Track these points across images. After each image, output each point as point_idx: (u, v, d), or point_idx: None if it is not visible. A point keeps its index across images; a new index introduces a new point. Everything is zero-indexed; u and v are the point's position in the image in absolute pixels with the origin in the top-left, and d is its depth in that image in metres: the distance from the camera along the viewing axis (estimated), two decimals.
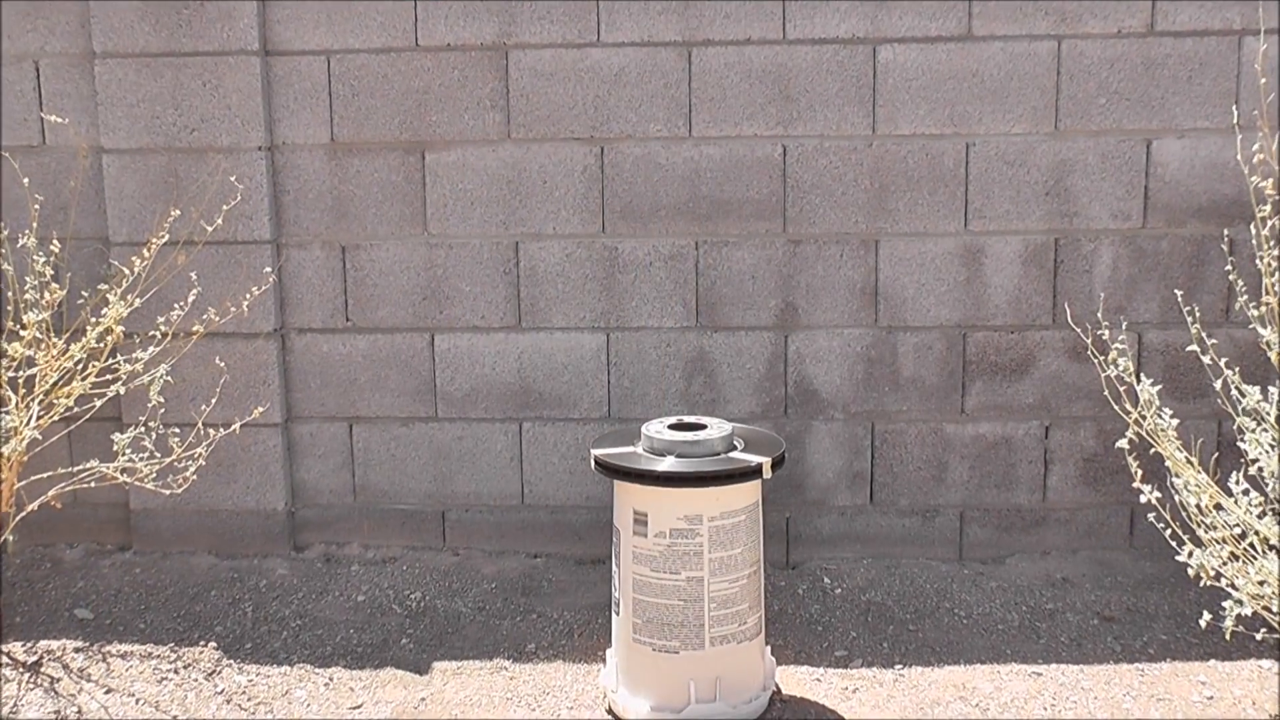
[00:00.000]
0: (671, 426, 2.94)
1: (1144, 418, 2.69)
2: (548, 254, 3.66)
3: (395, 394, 3.77)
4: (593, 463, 2.85)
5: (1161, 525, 2.75)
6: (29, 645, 3.23)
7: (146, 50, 3.59)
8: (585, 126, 3.60)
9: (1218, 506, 2.61)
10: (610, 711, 2.91)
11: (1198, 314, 3.31)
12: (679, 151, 3.58)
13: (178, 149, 3.62)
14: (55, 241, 3.54)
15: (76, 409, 3.41)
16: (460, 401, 3.76)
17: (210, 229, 3.55)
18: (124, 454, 3.17)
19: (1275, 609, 2.53)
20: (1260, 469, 2.62)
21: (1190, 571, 2.55)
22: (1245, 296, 3.24)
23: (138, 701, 2.97)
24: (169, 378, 3.34)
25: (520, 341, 3.71)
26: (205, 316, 3.50)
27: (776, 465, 2.81)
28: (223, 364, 3.61)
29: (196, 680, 3.08)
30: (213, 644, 3.26)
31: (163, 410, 3.45)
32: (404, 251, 3.69)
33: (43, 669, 3.10)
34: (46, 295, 3.23)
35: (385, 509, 3.82)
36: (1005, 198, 3.57)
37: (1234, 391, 2.68)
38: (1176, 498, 2.65)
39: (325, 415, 3.79)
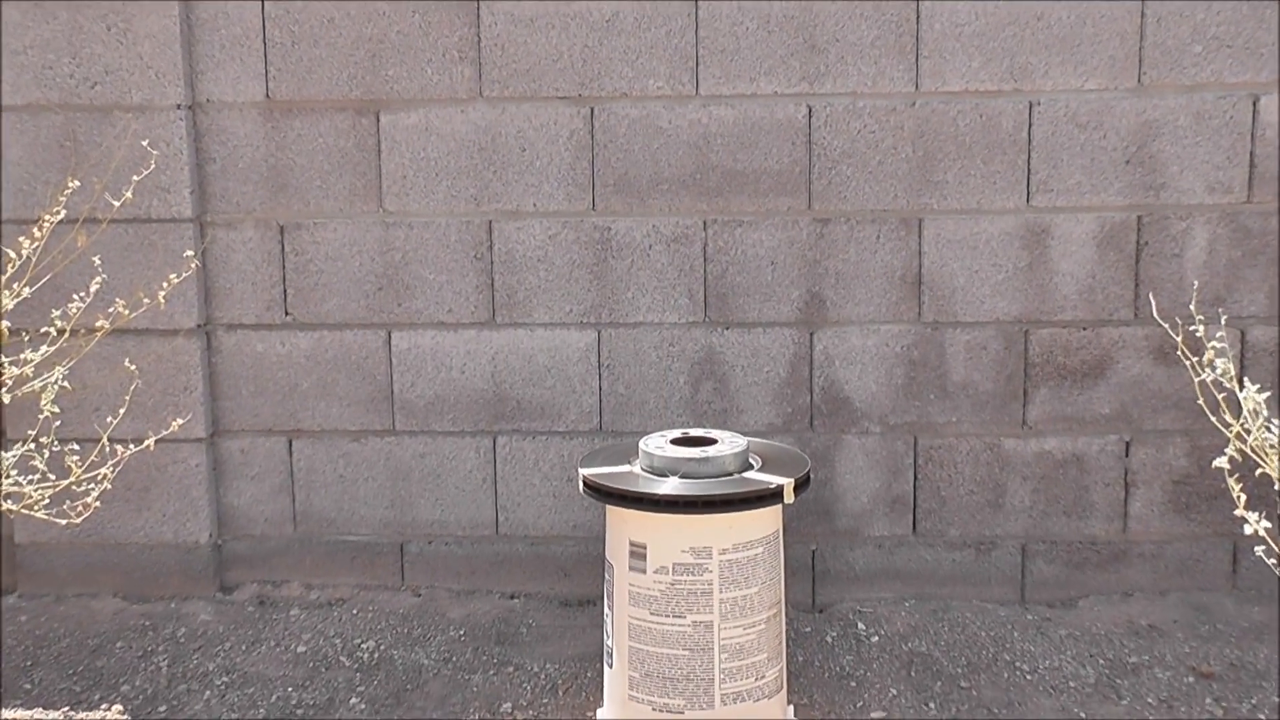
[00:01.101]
0: (675, 441, 2.96)
1: (1248, 431, 2.60)
2: (527, 235, 3.63)
3: (345, 402, 3.73)
4: (581, 484, 2.87)
5: (1272, 561, 2.64)
6: None
7: None
8: (572, 83, 3.55)
9: None
10: None
11: None
12: (684, 113, 3.55)
13: (77, 106, 3.59)
14: None
15: None
16: (422, 411, 3.72)
17: (117, 204, 3.45)
18: (8, 476, 3.10)
19: None
20: None
21: None
22: None
23: None
24: (66, 383, 3.19)
25: (494, 340, 3.68)
26: (112, 310, 3.35)
27: (800, 487, 2.82)
28: (134, 367, 3.52)
29: None
30: (118, 707, 3.20)
31: (58, 423, 3.29)
32: (355, 232, 3.66)
33: None
34: None
35: (332, 540, 3.79)
36: (1076, 167, 3.51)
37: None
38: None
39: (260, 428, 3.76)
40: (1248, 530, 2.50)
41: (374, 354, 3.70)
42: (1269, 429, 2.58)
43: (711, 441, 2.93)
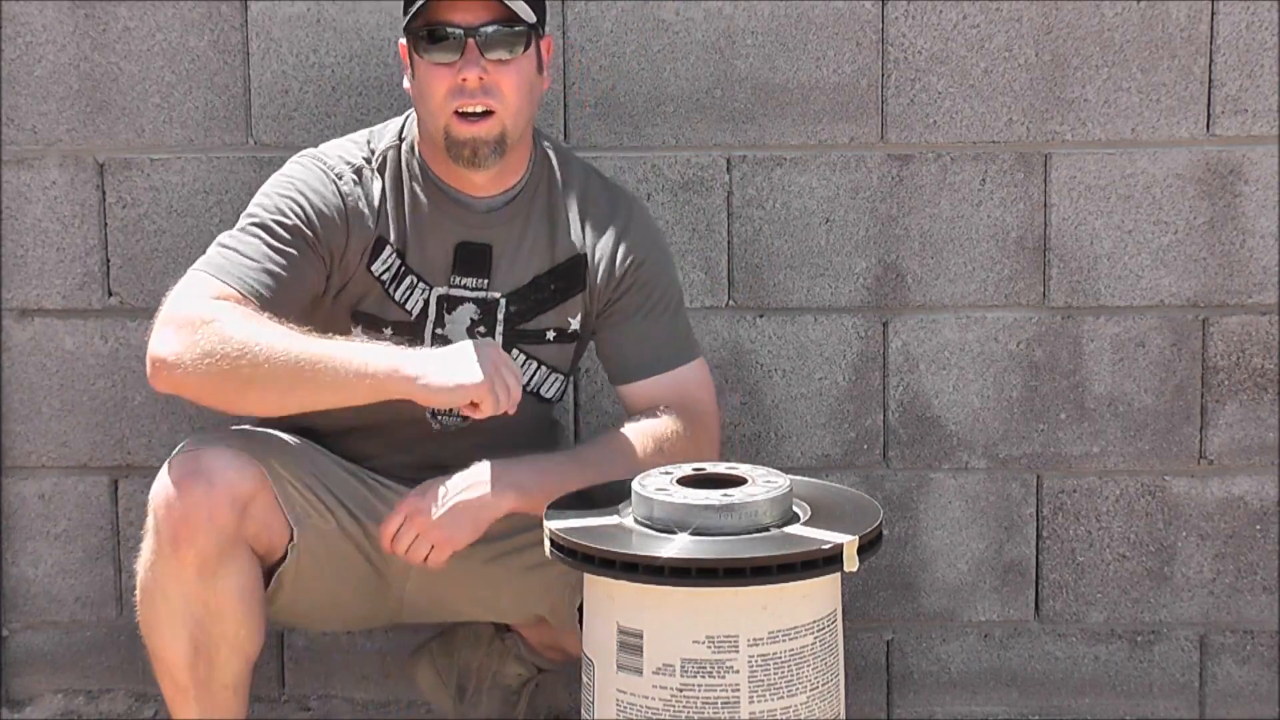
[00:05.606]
0: (685, 481, 2.77)
1: None
2: None
3: (198, 425, 3.45)
4: (546, 543, 2.69)
5: None
6: None
7: None
8: None
9: None
10: None
11: None
12: (698, 2, 3.38)
13: None
14: None
15: None
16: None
17: None
18: None
19: None
20: None
21: None
22: None
23: None
24: None
25: None
26: None
27: (868, 548, 2.66)
28: None
29: None
30: None
31: None
32: (214, 173, 3.49)
33: None
34: None
35: None
36: None
37: None
38: None
39: (70, 463, 3.54)
40: None
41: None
42: None
43: (738, 481, 2.74)
